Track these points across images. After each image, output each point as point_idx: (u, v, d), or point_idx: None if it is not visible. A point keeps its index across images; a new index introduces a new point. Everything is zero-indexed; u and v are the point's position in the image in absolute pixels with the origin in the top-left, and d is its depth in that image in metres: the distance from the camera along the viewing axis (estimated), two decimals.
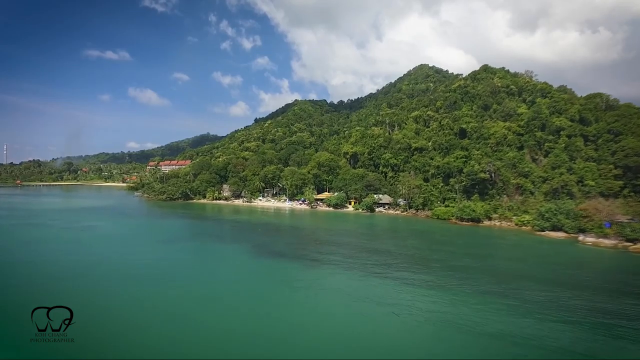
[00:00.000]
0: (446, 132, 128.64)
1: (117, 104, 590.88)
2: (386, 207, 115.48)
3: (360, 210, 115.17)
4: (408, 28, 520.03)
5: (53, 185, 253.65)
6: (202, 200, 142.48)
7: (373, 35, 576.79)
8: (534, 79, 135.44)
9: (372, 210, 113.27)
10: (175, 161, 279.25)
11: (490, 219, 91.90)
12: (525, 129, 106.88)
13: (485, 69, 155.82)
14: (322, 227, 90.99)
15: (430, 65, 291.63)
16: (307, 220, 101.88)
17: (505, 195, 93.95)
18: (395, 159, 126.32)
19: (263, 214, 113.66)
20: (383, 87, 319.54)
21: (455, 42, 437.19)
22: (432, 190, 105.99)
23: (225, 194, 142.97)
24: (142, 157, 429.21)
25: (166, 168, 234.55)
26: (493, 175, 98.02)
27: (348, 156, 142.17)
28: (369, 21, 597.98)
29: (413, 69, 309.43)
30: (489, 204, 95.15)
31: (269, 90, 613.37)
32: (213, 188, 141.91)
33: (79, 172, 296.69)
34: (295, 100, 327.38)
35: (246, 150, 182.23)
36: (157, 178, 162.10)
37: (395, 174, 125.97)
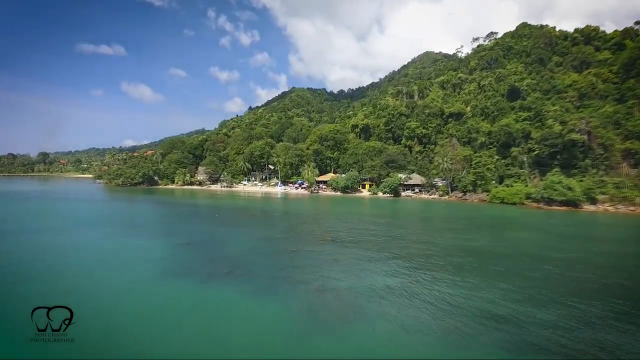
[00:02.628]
0: (489, 94, 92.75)
1: (111, 100, 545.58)
2: (416, 190, 79.01)
3: (381, 193, 78.56)
4: (410, 21, 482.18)
5: (20, 176, 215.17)
6: (171, 186, 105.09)
7: (373, 27, 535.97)
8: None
9: (397, 194, 76.72)
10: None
11: (593, 201, 55.65)
12: (624, 75, 70.79)
13: (525, 25, 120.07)
14: (327, 211, 54.11)
15: (437, 51, 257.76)
16: (304, 205, 65.00)
17: (623, 166, 57.70)
18: (424, 127, 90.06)
19: (244, 199, 76.48)
20: (386, 76, 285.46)
21: (459, 35, 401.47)
22: (488, 164, 69.50)
23: (200, 177, 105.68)
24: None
25: None
26: (589, 137, 61.79)
27: (358, 130, 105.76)
28: (369, 11, 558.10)
29: (418, 56, 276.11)
30: (582, 180, 58.92)
31: (266, 86, 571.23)
32: (184, 170, 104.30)
33: (53, 163, 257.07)
34: (293, 87, 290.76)
35: None
36: (121, 161, 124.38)
37: (424, 147, 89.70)
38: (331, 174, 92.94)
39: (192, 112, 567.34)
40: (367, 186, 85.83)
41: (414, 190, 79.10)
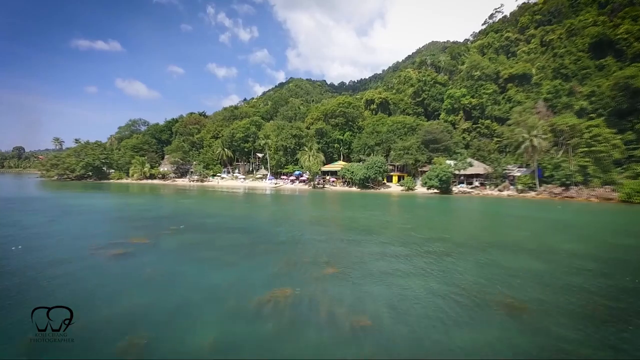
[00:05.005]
0: (560, 51, 64.20)
1: (106, 97, 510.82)
2: (475, 183, 50.14)
3: (422, 188, 49.62)
4: (411, 15, 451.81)
5: None
6: (126, 180, 75.47)
7: (375, 21, 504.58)
8: None
9: (447, 190, 47.74)
10: None
11: None
12: None
13: None
14: (352, 228, 23.80)
15: (443, 40, 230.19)
16: (306, 210, 34.96)
17: None
18: (473, 96, 61.31)
19: (208, 198, 46.72)
20: (389, 67, 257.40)
21: (459, 31, 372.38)
22: (613, 139, 40.53)
23: (164, 168, 76.25)
24: None
25: None
26: None
27: (374, 106, 76.85)
28: (370, 3, 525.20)
29: (423, 45, 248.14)
30: None
31: (264, 83, 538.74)
32: (143, 158, 74.67)
33: (28, 159, 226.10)
34: (290, 77, 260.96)
35: None
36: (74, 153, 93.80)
37: (475, 123, 60.99)
38: (341, 162, 63.93)
39: (188, 109, 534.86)
40: (394, 178, 56.99)
41: (471, 183, 50.21)
